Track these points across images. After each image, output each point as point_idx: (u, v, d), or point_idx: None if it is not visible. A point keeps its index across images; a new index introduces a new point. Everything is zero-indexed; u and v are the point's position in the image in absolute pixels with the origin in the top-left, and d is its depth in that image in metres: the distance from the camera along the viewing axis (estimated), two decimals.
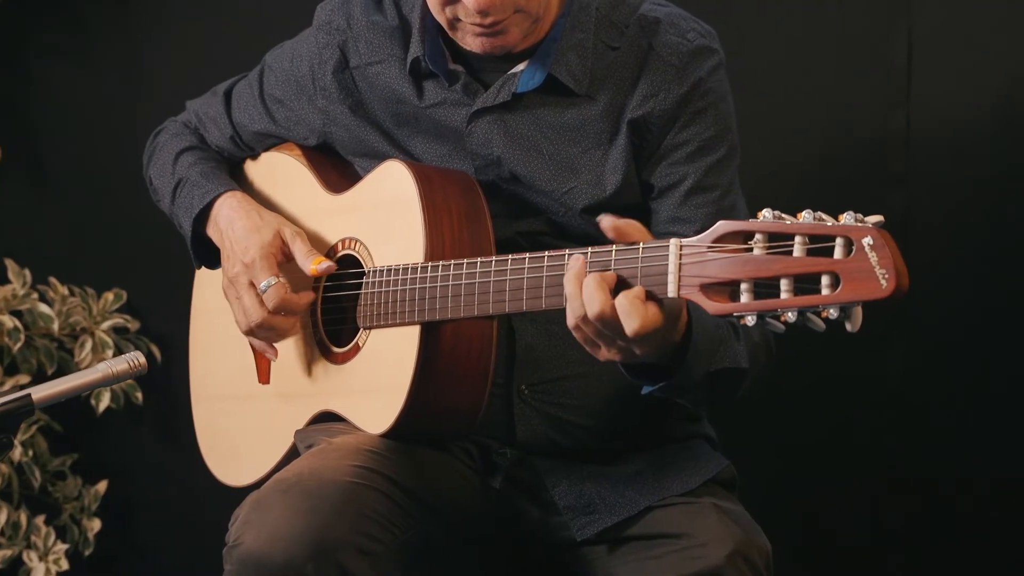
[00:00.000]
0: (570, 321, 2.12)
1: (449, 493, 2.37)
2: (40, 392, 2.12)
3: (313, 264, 2.44)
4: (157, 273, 3.73)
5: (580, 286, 2.08)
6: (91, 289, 3.68)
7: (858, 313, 1.87)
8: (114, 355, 3.62)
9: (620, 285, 2.07)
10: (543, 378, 2.41)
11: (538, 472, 2.42)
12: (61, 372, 3.62)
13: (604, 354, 2.12)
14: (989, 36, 3.17)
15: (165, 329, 3.73)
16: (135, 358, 2.18)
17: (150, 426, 3.77)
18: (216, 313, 2.73)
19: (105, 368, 2.17)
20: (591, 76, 2.40)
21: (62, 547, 3.60)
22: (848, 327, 1.89)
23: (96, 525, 3.67)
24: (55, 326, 3.59)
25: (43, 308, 3.60)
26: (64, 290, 3.65)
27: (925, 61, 3.21)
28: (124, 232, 3.77)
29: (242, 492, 2.76)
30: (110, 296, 3.68)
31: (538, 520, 2.42)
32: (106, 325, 3.65)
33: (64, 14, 3.74)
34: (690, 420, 2.54)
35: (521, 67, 2.42)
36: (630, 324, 2.04)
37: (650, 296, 2.05)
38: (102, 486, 3.70)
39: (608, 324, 2.06)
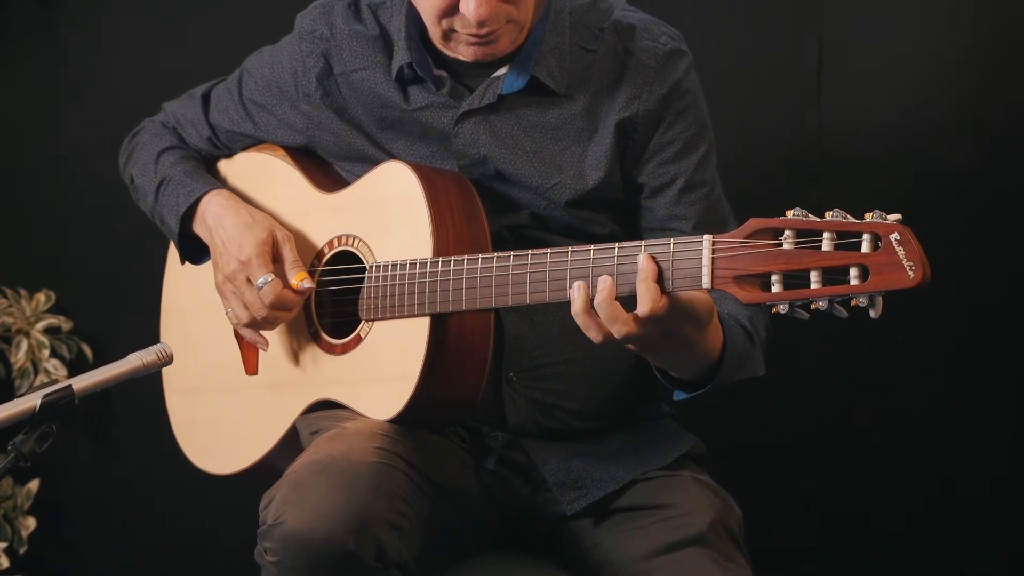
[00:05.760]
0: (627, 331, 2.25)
1: (451, 474, 2.51)
2: (80, 383, 2.22)
3: (296, 279, 2.57)
4: (83, 273, 3.79)
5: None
6: (24, 290, 3.72)
7: (880, 301, 2.06)
8: (50, 355, 3.68)
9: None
10: (530, 365, 2.56)
11: (528, 453, 2.57)
12: None
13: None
14: (896, 41, 3.38)
15: (95, 328, 3.78)
16: (163, 349, 2.29)
17: (82, 425, 3.81)
18: (190, 310, 2.83)
19: (136, 359, 2.27)
20: (569, 77, 2.56)
21: (0, 545, 3.63)
22: (872, 314, 2.07)
23: (31, 524, 3.71)
24: None
25: None
26: None
27: (835, 65, 3.41)
28: (48, 233, 3.80)
29: (205, 487, 2.88)
30: (42, 297, 3.72)
31: (529, 497, 2.57)
32: (40, 326, 3.69)
33: None
34: (654, 400, 2.73)
35: (503, 71, 2.57)
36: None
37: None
38: (34, 485, 3.74)
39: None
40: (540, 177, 2.56)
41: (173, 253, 2.88)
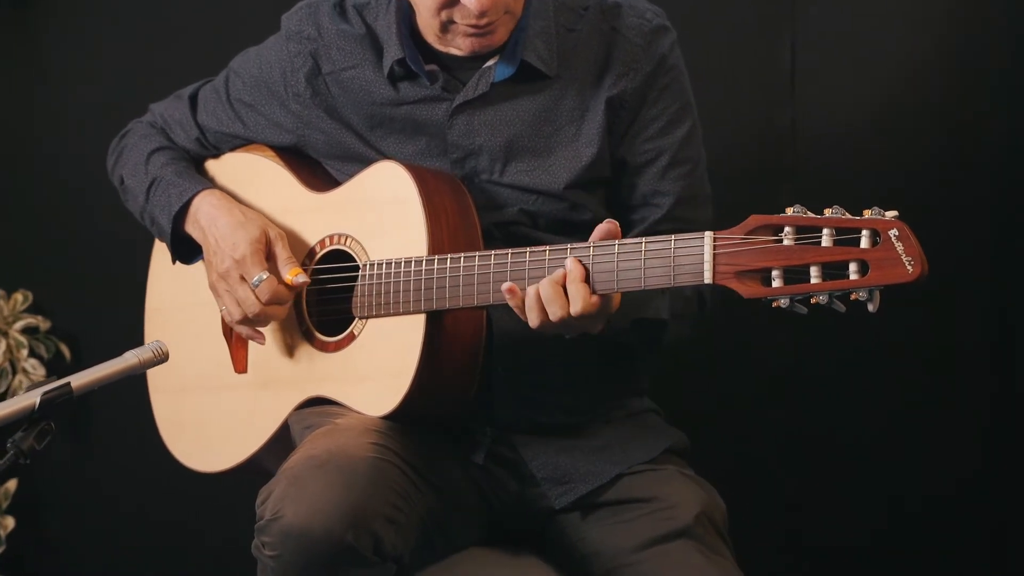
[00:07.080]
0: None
1: (441, 469, 2.53)
2: (78, 380, 2.24)
3: (290, 274, 2.60)
4: (61, 273, 3.79)
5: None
6: (1, 290, 3.72)
7: (878, 296, 2.11)
8: (28, 355, 3.69)
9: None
10: (518, 361, 2.59)
11: (516, 448, 2.60)
12: None
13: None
14: (869, 39, 3.44)
15: (74, 328, 3.79)
16: (159, 347, 2.31)
17: (60, 423, 3.79)
18: (176, 310, 2.84)
19: (133, 356, 2.29)
20: (558, 58, 2.60)
21: None
22: (870, 308, 2.12)
23: (10, 523, 3.71)
24: None
25: None
26: None
27: (808, 63, 3.45)
28: (25, 232, 3.81)
29: (184, 485, 2.89)
30: (19, 297, 3.72)
31: (518, 492, 2.60)
32: (19, 326, 3.69)
33: None
34: (639, 395, 2.76)
35: (492, 61, 2.60)
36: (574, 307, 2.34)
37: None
38: (12, 484, 3.74)
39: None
40: (535, 161, 2.59)
41: (157, 253, 2.88)
